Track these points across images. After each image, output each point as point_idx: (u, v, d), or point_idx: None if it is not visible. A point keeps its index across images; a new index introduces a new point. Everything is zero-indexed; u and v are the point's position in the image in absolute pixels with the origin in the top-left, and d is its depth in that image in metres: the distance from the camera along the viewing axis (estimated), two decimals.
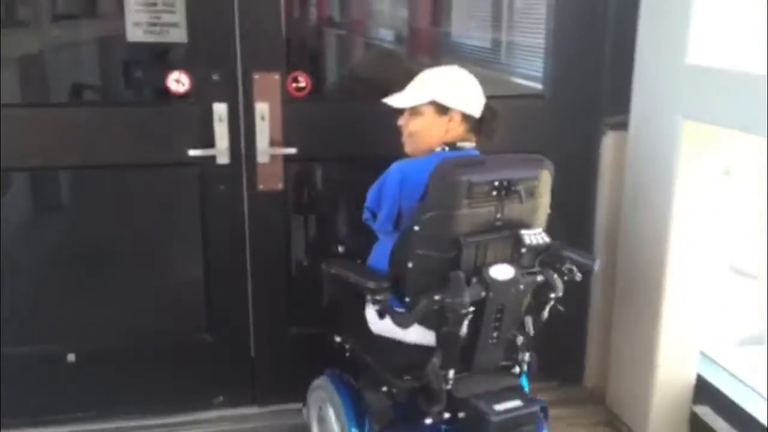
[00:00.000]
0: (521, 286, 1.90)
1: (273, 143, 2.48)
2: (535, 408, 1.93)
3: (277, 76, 2.45)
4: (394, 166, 2.06)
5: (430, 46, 3.22)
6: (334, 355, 2.25)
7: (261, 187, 2.52)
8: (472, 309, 1.82)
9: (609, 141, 2.70)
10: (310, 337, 2.70)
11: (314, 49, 2.89)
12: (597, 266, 2.01)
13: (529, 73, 2.96)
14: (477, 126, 2.11)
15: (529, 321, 2.02)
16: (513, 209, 1.90)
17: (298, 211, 2.75)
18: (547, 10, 2.65)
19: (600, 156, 2.72)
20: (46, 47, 2.61)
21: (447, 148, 2.08)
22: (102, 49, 2.60)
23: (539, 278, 1.93)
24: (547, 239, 1.93)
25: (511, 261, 1.90)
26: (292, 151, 2.49)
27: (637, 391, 2.61)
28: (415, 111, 2.10)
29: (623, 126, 2.63)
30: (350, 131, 2.54)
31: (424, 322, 1.92)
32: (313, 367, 2.56)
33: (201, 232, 2.59)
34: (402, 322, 1.92)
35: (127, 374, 2.63)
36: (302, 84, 2.51)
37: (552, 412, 2.08)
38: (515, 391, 1.97)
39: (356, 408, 2.15)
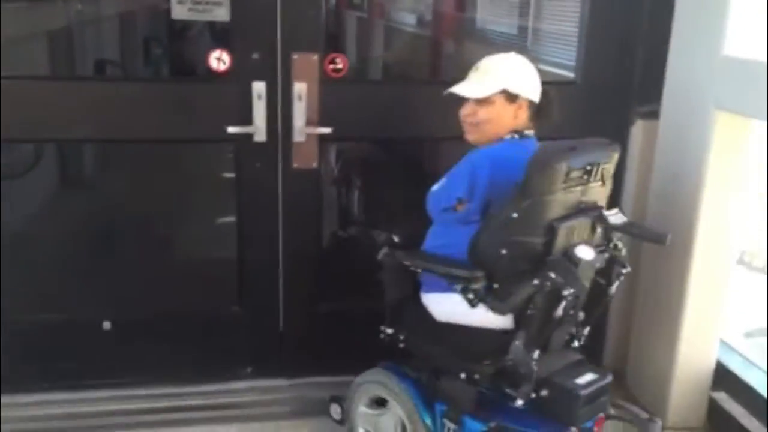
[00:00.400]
0: (597, 264, 2.00)
1: (309, 123, 2.52)
2: (609, 379, 2.04)
3: (315, 57, 2.49)
4: (481, 154, 2.08)
5: (460, 32, 3.27)
6: (369, 337, 2.24)
7: (296, 165, 2.57)
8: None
9: (638, 130, 2.73)
10: (339, 313, 2.78)
11: (351, 33, 2.93)
12: (668, 241, 2.07)
13: (558, 61, 3.00)
14: (536, 112, 2.15)
15: None
16: (593, 191, 2.01)
17: (331, 190, 2.80)
18: None
19: (629, 144, 2.76)
20: (86, 22, 2.66)
21: (517, 136, 2.11)
22: (147, 25, 2.65)
23: (606, 255, 2.04)
24: (625, 218, 2.04)
25: (587, 241, 2.00)
26: (328, 130, 2.53)
27: (658, 374, 2.66)
28: (485, 100, 2.10)
29: (653, 115, 2.66)
30: (385, 113, 2.59)
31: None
32: (343, 343, 2.64)
33: (236, 207, 2.65)
34: (499, 309, 1.96)
35: (160, 343, 2.70)
36: (339, 65, 2.55)
37: None
38: (584, 365, 2.07)
39: (424, 397, 2.16)
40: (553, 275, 1.87)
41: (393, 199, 2.83)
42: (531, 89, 2.12)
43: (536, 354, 1.95)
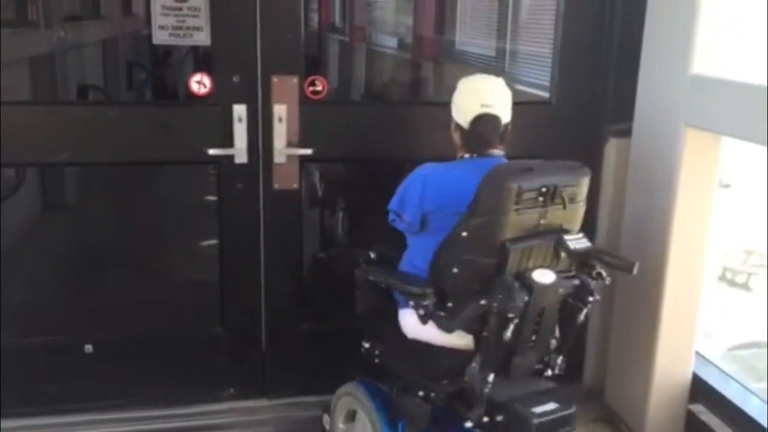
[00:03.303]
0: (560, 290, 1.96)
1: (289, 144, 2.56)
2: (572, 410, 1.96)
3: (295, 80, 2.54)
4: (418, 169, 2.14)
5: (440, 54, 3.34)
6: (350, 356, 2.29)
7: (277, 186, 2.60)
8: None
9: (612, 148, 2.79)
10: (321, 332, 2.80)
11: (333, 55, 2.99)
12: (636, 270, 2.04)
13: (534, 81, 3.07)
14: (468, 136, 2.15)
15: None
16: (555, 215, 1.95)
17: (312, 210, 2.84)
18: (555, 21, 2.74)
19: (603, 162, 2.81)
20: (66, 47, 2.70)
21: (474, 155, 2.15)
22: (130, 50, 2.69)
23: (576, 282, 1.99)
24: (588, 243, 1.98)
25: (550, 265, 1.96)
26: (308, 152, 2.57)
27: (636, 389, 2.69)
28: None
29: (626, 133, 2.72)
30: (365, 134, 2.64)
31: (466, 326, 1.97)
32: (324, 362, 2.66)
33: (217, 228, 2.67)
34: (446, 327, 1.96)
35: (142, 365, 2.70)
36: (319, 88, 2.59)
37: None
38: (550, 394, 2.00)
39: (389, 413, 2.18)
40: (500, 296, 1.84)
41: (374, 220, 2.87)
42: (457, 112, 2.17)
43: (491, 377, 1.92)
